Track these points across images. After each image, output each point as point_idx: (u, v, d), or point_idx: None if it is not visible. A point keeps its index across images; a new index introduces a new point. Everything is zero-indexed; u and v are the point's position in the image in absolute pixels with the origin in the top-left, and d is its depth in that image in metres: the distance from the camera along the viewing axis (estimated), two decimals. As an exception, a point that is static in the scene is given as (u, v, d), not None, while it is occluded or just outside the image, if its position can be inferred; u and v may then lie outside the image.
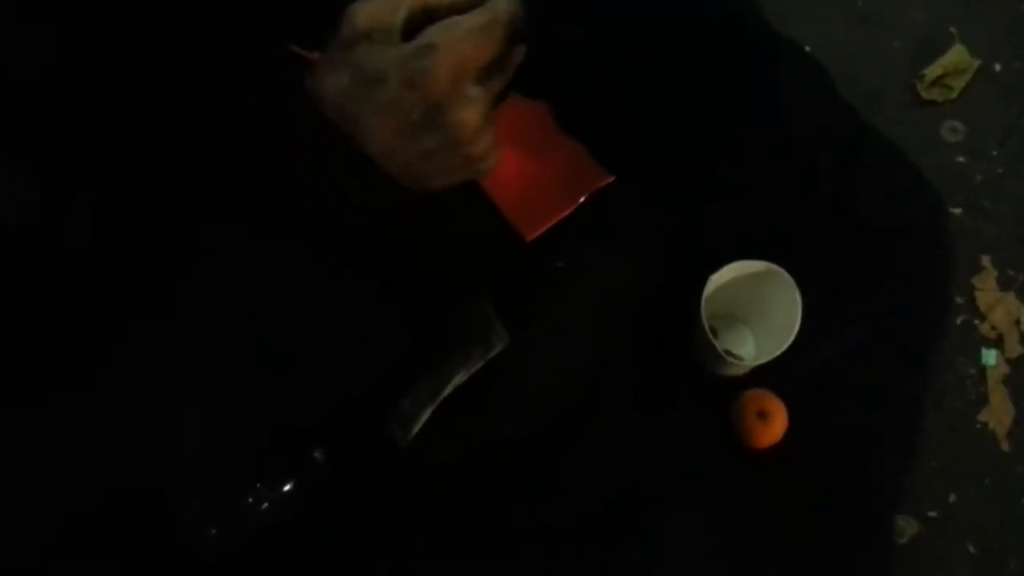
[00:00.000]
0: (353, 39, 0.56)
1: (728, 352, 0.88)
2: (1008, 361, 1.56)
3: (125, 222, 0.62)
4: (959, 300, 1.58)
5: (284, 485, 0.72)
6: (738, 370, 0.91)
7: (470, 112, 0.56)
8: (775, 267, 0.88)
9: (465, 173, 0.60)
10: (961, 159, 1.68)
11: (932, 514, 1.50)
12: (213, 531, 0.71)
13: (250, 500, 0.70)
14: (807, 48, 1.41)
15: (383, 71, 0.55)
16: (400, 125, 0.55)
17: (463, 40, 0.55)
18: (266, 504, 0.71)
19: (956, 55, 1.73)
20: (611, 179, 0.82)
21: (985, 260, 1.61)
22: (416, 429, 0.75)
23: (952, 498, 1.51)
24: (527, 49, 0.62)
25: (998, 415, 1.54)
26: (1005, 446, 1.53)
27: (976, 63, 1.72)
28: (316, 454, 0.73)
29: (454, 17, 0.56)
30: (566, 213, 0.81)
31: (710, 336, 0.87)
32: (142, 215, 0.62)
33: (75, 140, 0.62)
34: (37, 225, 0.61)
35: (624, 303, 0.88)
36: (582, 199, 0.82)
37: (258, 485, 0.71)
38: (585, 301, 0.84)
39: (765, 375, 0.91)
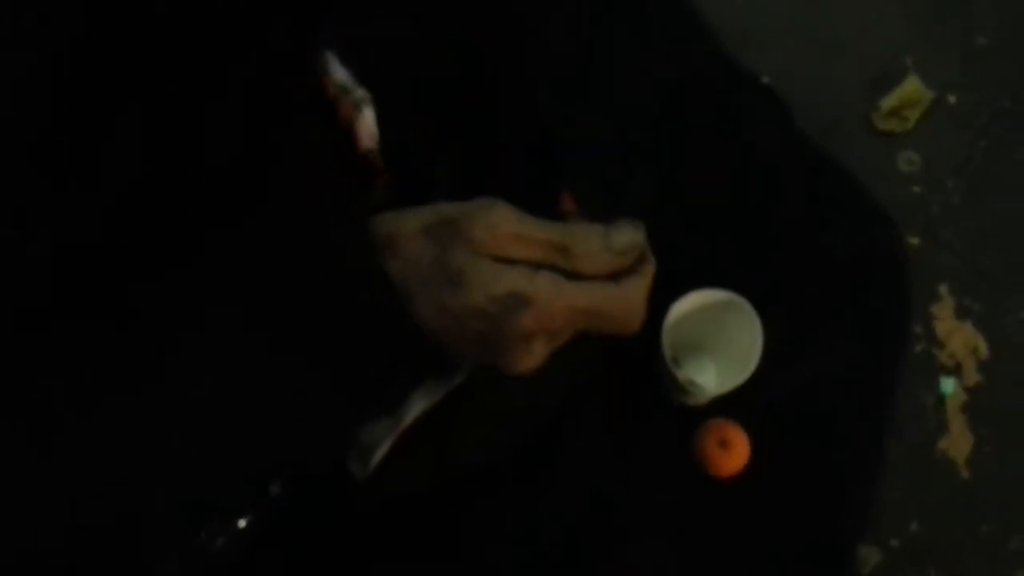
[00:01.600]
0: (464, 237, 0.52)
1: (690, 381, 0.88)
2: (966, 389, 1.58)
3: (98, 268, 0.60)
4: (917, 329, 1.60)
5: (240, 520, 0.70)
6: (700, 400, 0.91)
7: (526, 363, 0.54)
8: (737, 297, 0.88)
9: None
10: (917, 189, 1.70)
11: (894, 543, 1.51)
12: (168, 568, 0.69)
13: (204, 536, 0.69)
14: (765, 79, 1.43)
15: (468, 283, 0.51)
16: (455, 327, 0.53)
17: (560, 312, 0.53)
18: (221, 540, 0.69)
19: (911, 87, 1.76)
20: None
21: (942, 289, 1.63)
22: (376, 461, 0.74)
23: (914, 526, 1.52)
24: None
25: (957, 443, 1.55)
26: (965, 474, 1.54)
27: (931, 95, 1.75)
28: (273, 488, 0.72)
29: (570, 283, 0.53)
30: None
31: (671, 365, 0.87)
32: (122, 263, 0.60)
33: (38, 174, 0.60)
34: None
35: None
36: None
37: (213, 521, 0.69)
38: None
39: (728, 405, 0.91)
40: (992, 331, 1.61)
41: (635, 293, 0.55)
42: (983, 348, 1.60)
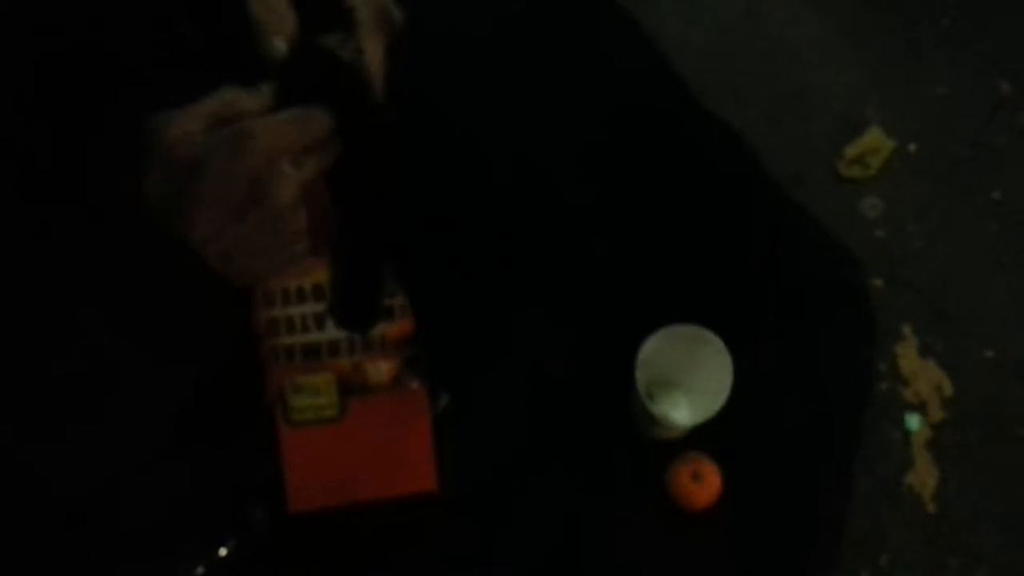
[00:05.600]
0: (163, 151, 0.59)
1: (664, 415, 0.90)
2: (931, 426, 1.61)
3: None
4: (882, 367, 1.63)
5: (221, 547, 0.71)
6: (672, 433, 0.93)
7: (285, 187, 0.58)
8: (707, 332, 0.90)
9: (282, 256, 0.62)
10: (880, 233, 1.74)
11: (864, 575, 1.53)
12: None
13: (184, 564, 0.69)
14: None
15: (200, 159, 0.58)
16: (222, 210, 0.59)
17: (277, 127, 0.59)
18: (202, 568, 0.69)
19: (872, 136, 1.81)
20: (432, 489, 0.77)
21: (906, 329, 1.66)
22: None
23: (883, 559, 1.54)
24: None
25: (923, 478, 1.57)
26: (931, 508, 1.56)
27: (892, 144, 1.80)
28: (256, 514, 0.72)
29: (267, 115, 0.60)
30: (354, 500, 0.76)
31: (645, 400, 0.88)
32: None
33: None
34: None
35: (561, 367, 0.90)
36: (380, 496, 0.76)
37: (192, 548, 0.70)
38: (522, 364, 0.85)
39: (700, 439, 0.93)
40: (955, 369, 1.64)
41: None
42: (947, 386, 1.63)
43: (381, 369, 0.74)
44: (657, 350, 0.91)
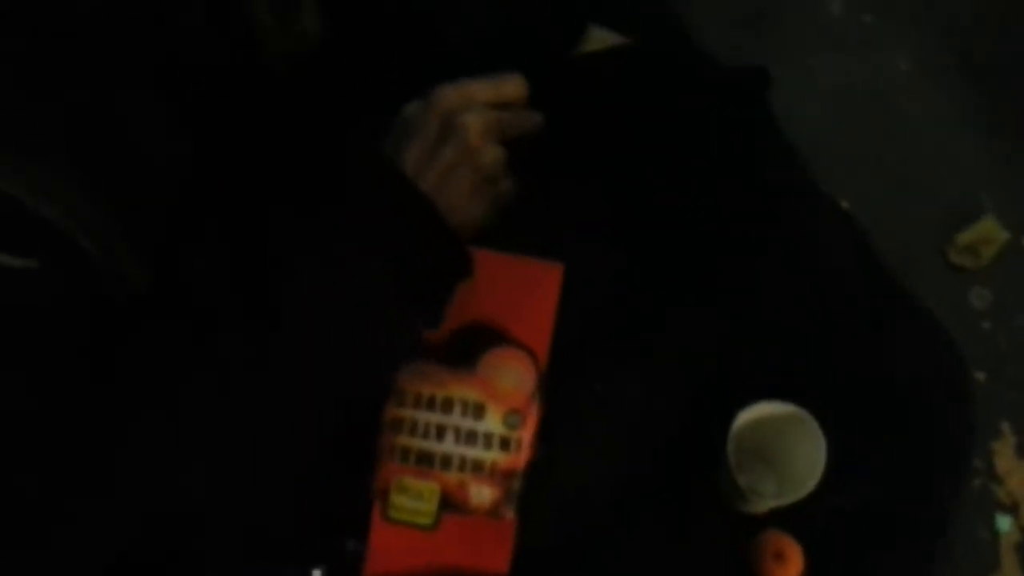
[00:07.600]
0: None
1: (752, 489, 0.90)
2: (1021, 528, 1.56)
3: None
4: (977, 463, 1.59)
5: (315, 571, 0.73)
6: (758, 508, 0.92)
7: (474, 117, 0.71)
8: (803, 412, 0.90)
9: (487, 197, 0.73)
10: (987, 326, 1.71)
11: (942, 675, 1.48)
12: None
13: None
14: (844, 204, 1.45)
15: (411, 113, 0.73)
16: (422, 147, 0.71)
17: (467, 83, 0.73)
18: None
19: (987, 225, 1.78)
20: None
21: (1005, 427, 1.62)
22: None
23: (963, 661, 1.49)
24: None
25: (1009, 582, 1.53)
26: (1015, 613, 1.52)
27: (1005, 235, 1.77)
28: (349, 544, 0.75)
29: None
30: None
31: (733, 471, 0.88)
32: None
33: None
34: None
35: (652, 431, 0.90)
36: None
37: (287, 570, 0.72)
38: (614, 425, 0.86)
39: (784, 516, 0.92)
40: (1052, 473, 1.60)
41: None
42: (1042, 489, 1.59)
43: (483, 494, 0.77)
44: (751, 424, 0.91)
